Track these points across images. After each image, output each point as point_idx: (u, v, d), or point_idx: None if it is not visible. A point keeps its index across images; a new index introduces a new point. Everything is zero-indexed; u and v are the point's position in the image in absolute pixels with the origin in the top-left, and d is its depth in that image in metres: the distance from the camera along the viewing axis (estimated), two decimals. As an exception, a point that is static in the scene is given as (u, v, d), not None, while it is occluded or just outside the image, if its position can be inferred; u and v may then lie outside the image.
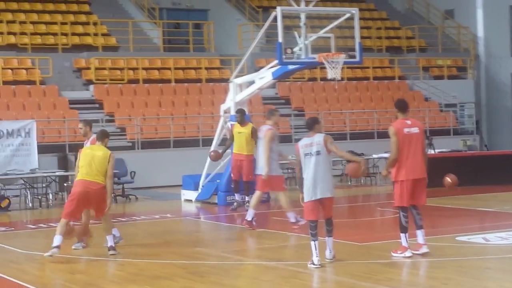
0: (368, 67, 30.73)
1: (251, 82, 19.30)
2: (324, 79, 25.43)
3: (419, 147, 11.20)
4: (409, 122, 11.26)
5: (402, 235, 11.24)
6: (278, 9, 17.18)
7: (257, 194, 14.75)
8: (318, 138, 10.72)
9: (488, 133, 31.67)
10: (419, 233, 11.32)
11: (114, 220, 14.73)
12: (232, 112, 19.13)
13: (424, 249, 11.29)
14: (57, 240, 11.89)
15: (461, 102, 30.76)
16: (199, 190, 19.50)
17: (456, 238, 12.97)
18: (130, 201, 20.44)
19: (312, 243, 10.65)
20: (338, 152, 10.91)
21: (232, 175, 17.76)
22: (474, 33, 33.75)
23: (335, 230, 11.05)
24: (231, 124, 18.72)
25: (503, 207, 16.61)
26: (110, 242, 12.28)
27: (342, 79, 28.90)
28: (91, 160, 12.23)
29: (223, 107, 19.73)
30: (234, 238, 14.43)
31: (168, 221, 16.62)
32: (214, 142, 19.69)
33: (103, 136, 12.65)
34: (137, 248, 13.03)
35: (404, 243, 11.23)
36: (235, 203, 17.68)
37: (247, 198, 17.19)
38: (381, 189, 21.54)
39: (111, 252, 12.17)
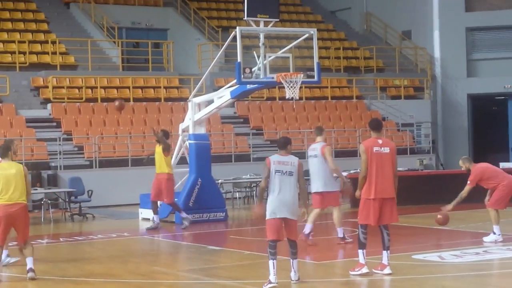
0: (326, 87, 30.94)
1: (210, 101, 19.33)
2: (282, 98, 25.56)
3: (389, 167, 11.28)
4: (380, 141, 11.37)
5: (360, 251, 11.32)
6: (238, 29, 17.26)
7: (315, 211, 14.74)
8: (293, 160, 10.74)
9: (444, 153, 32.01)
10: (385, 254, 11.38)
11: (71, 239, 14.64)
12: (191, 131, 19.16)
13: (388, 270, 11.36)
14: None
15: (418, 122, 31.08)
16: (157, 209, 19.41)
17: (412, 257, 13.08)
18: (87, 220, 20.30)
19: (271, 261, 10.57)
20: (302, 182, 10.77)
21: (151, 195, 18.05)
22: (431, 54, 34.16)
23: (303, 248, 11.06)
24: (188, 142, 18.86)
25: (458, 226, 16.79)
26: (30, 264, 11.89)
27: (301, 98, 29.02)
28: (6, 181, 11.63)
29: (181, 126, 19.75)
30: (191, 257, 14.41)
31: (125, 240, 16.54)
32: (173, 161, 19.66)
33: (5, 150, 11.88)
34: (94, 267, 12.94)
35: (361, 259, 11.31)
36: (185, 223, 17.76)
37: (184, 215, 17.70)
38: (344, 206, 21.58)
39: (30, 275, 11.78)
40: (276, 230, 10.66)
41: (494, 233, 14.52)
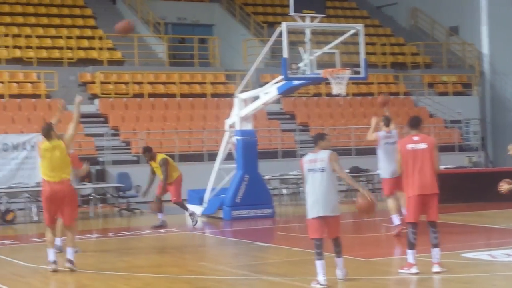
0: (372, 83, 30.76)
1: (256, 97, 19.33)
2: (329, 94, 25.46)
3: (427, 163, 11.11)
4: (416, 138, 11.20)
5: (408, 251, 11.20)
6: (284, 24, 17.23)
7: (388, 201, 15.17)
8: (322, 155, 10.46)
9: (493, 150, 31.63)
10: (432, 251, 11.21)
11: (119, 234, 14.73)
12: (237, 127, 19.16)
13: (436, 268, 11.20)
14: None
15: (466, 119, 30.75)
16: (205, 204, 19.48)
17: (462, 255, 12.92)
18: (135, 215, 20.42)
19: (317, 262, 10.40)
20: (340, 172, 10.50)
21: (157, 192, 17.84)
22: (479, 49, 33.78)
23: (346, 245, 10.96)
24: (236, 139, 18.79)
25: (509, 224, 16.56)
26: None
27: (347, 94, 28.90)
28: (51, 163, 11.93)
29: (228, 122, 19.75)
30: (239, 253, 14.39)
31: (173, 236, 16.59)
32: (220, 157, 19.69)
33: (48, 131, 12.10)
34: (143, 262, 13.00)
35: (410, 259, 11.18)
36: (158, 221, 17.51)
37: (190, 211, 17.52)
38: (385, 204, 21.45)
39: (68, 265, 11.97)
40: (316, 229, 10.44)
41: None
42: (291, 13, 17.98)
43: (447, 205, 19.58)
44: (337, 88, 17.10)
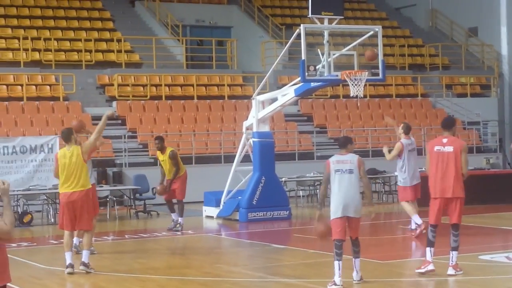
0: (390, 85, 30.67)
1: (274, 99, 19.33)
2: (346, 96, 25.41)
3: (451, 166, 11.08)
4: (445, 140, 11.20)
5: (427, 249, 11.21)
6: (302, 26, 17.22)
7: (404, 205, 15.55)
8: (352, 158, 10.63)
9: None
10: (450, 254, 11.21)
11: (136, 236, 14.76)
12: (255, 129, 19.17)
13: (450, 271, 11.17)
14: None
15: (485, 120, 30.59)
16: (221, 206, 19.50)
17: (479, 257, 12.87)
18: (151, 217, 20.46)
19: (336, 262, 10.47)
20: (364, 177, 10.70)
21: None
22: (498, 51, 33.60)
23: (364, 247, 10.96)
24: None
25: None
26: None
27: (365, 96, 28.83)
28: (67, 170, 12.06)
29: (245, 124, 19.75)
30: (255, 255, 14.39)
31: (189, 238, 16.61)
32: (237, 159, 19.70)
33: (68, 135, 12.17)
34: (158, 264, 13.03)
35: (428, 257, 11.17)
36: (172, 223, 17.25)
37: (180, 220, 17.04)
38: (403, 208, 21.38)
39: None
40: (340, 229, 10.57)
41: None
42: (310, 15, 17.98)
43: (465, 207, 19.43)
44: (355, 89, 17.08)
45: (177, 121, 26.35)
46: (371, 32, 18.07)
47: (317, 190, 23.00)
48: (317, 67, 17.37)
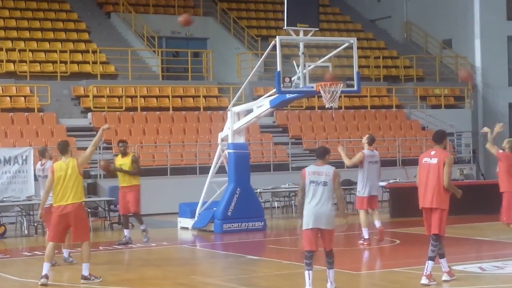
0: (365, 96, 30.81)
1: (249, 111, 19.36)
2: (321, 107, 25.51)
3: (432, 177, 11.30)
4: (433, 152, 11.47)
5: (428, 262, 11.41)
6: (277, 38, 17.29)
7: (361, 213, 16.07)
8: (328, 170, 10.66)
9: (485, 162, 31.62)
10: (426, 263, 11.43)
11: (110, 248, 14.72)
12: (230, 140, 19.19)
13: (423, 280, 11.32)
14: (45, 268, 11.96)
15: (458, 132, 30.78)
16: (196, 218, 19.48)
17: (452, 267, 12.93)
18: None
19: (306, 272, 10.56)
20: (338, 190, 10.73)
21: (119, 209, 17.33)
22: (472, 63, 33.87)
23: (339, 258, 11.00)
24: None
25: (499, 236, 16.58)
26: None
27: (340, 107, 28.96)
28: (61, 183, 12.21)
29: (220, 135, 19.78)
30: (230, 266, 14.40)
31: (164, 249, 16.58)
32: (212, 170, 19.71)
33: (64, 147, 12.36)
34: (133, 275, 12.99)
35: (444, 268, 11.51)
36: (123, 238, 16.87)
37: (143, 227, 16.72)
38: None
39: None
40: (311, 240, 10.61)
41: None
42: (285, 26, 18.04)
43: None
44: (329, 101, 17.14)
45: (152, 132, 26.31)
46: (346, 44, 18.17)
47: (292, 201, 23.05)
48: (292, 79, 17.42)
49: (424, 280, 11.28)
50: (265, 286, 11.89)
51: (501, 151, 14.71)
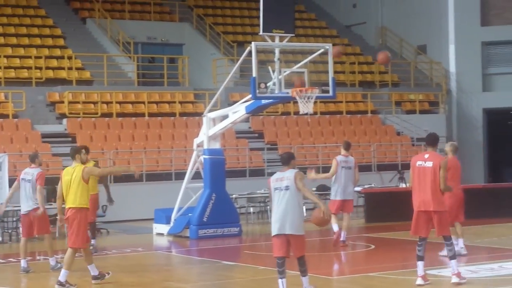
0: (341, 102, 30.92)
1: (225, 116, 19.38)
2: (297, 113, 25.55)
3: (429, 181, 11.48)
4: (426, 156, 11.65)
5: (417, 263, 11.74)
6: (253, 44, 17.34)
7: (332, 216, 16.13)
8: (289, 174, 10.57)
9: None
10: (450, 263, 11.88)
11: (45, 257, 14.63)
12: (205, 146, 19.20)
13: (418, 281, 11.66)
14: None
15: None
16: (171, 223, 19.46)
17: (427, 272, 13.01)
18: (101, 235, 20.32)
19: (280, 281, 10.51)
20: (303, 190, 10.58)
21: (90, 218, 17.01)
22: (446, 68, 34.10)
23: (312, 264, 11.02)
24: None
25: (474, 241, 16.70)
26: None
27: (315, 113, 29.05)
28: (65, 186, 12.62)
29: (196, 141, 19.78)
30: (205, 272, 14.41)
31: (139, 255, 16.56)
32: (187, 176, 19.71)
33: (74, 153, 12.80)
34: (108, 282, 12.95)
35: (419, 271, 11.68)
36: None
37: (93, 241, 16.22)
38: (352, 222, 21.55)
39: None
40: (280, 247, 10.54)
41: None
42: (261, 32, 18.08)
43: (411, 222, 19.66)
44: (304, 107, 17.21)
45: (128, 138, 26.26)
46: (322, 50, 18.22)
47: (268, 207, 23.08)
48: (268, 85, 17.46)
49: (454, 279, 11.62)
50: (241, 291, 11.91)
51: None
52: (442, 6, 34.18)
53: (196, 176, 19.74)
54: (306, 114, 17.51)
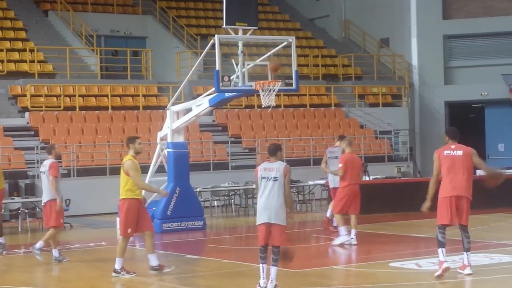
0: (304, 95, 31.01)
1: (189, 110, 19.34)
2: (261, 106, 25.53)
3: (461, 168, 11.88)
4: (453, 146, 12.09)
5: (439, 250, 11.82)
6: (216, 37, 17.31)
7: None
8: (279, 165, 10.85)
9: (422, 160, 32.12)
10: (465, 255, 11.95)
11: (48, 249, 14.57)
12: (169, 139, 19.16)
13: (468, 270, 11.85)
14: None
15: (396, 130, 31.21)
16: (135, 217, 19.35)
17: (390, 264, 13.14)
18: (64, 229, 20.16)
19: (260, 266, 10.82)
20: (287, 186, 10.90)
21: None
22: (409, 61, 34.33)
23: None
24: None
25: (435, 233, 16.82)
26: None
27: (279, 106, 29.12)
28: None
29: (160, 134, 19.73)
30: (169, 265, 14.37)
31: (103, 249, 16.49)
32: (151, 169, 19.65)
33: (129, 142, 13.12)
34: (71, 276, 12.90)
35: (441, 257, 11.74)
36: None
37: (1, 240, 15.86)
38: (317, 215, 21.69)
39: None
40: (265, 235, 10.80)
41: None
42: (224, 25, 18.07)
43: (376, 215, 19.88)
44: (266, 100, 17.22)
45: (91, 132, 26.11)
46: (285, 43, 18.26)
47: (232, 200, 23.14)
48: (231, 78, 17.46)
49: (469, 270, 11.84)
50: (205, 285, 11.92)
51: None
52: (405, -1, 34.43)
53: (160, 169, 19.69)
54: (269, 107, 17.52)
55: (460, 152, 11.99)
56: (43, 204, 14.54)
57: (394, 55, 34.85)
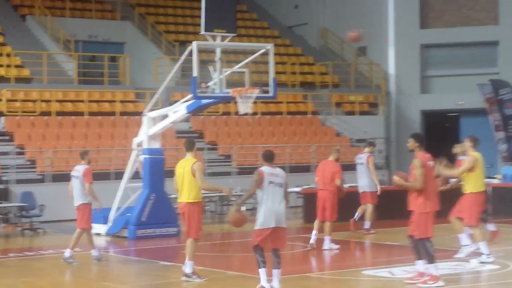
0: (281, 102, 31.07)
1: (165, 116, 19.31)
2: (238, 113, 25.59)
3: (434, 180, 12.03)
4: (427, 155, 11.98)
5: (431, 265, 11.69)
6: (194, 43, 17.32)
7: (370, 207, 18.90)
8: (282, 172, 11.31)
9: (397, 169, 32.09)
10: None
11: (21, 255, 14.51)
12: (145, 146, 19.12)
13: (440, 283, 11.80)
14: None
15: (372, 138, 31.27)
16: (109, 223, 19.34)
17: (363, 272, 13.18)
18: (38, 234, 20.11)
19: (262, 270, 11.06)
20: (288, 195, 11.37)
21: None
22: (386, 70, 34.50)
23: (252, 264, 11.19)
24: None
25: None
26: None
27: (256, 113, 29.15)
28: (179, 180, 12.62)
29: (136, 140, 19.69)
30: (142, 272, 14.36)
31: (76, 255, 16.36)
32: (126, 176, 19.61)
33: (190, 145, 12.91)
34: (44, 283, 12.85)
35: (435, 272, 11.68)
36: None
37: None
38: (291, 222, 21.68)
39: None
40: (264, 238, 11.10)
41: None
42: (202, 32, 18.09)
43: (350, 222, 19.88)
44: (243, 107, 17.24)
45: (67, 137, 26.01)
46: (263, 50, 18.27)
47: (207, 207, 23.10)
48: (208, 84, 17.45)
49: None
50: (177, 292, 11.89)
51: None
52: (383, 8, 34.60)
53: (136, 176, 19.65)
54: (246, 114, 17.54)
55: (433, 163, 12.01)
56: (75, 207, 15.22)
57: (372, 64, 35.00)
